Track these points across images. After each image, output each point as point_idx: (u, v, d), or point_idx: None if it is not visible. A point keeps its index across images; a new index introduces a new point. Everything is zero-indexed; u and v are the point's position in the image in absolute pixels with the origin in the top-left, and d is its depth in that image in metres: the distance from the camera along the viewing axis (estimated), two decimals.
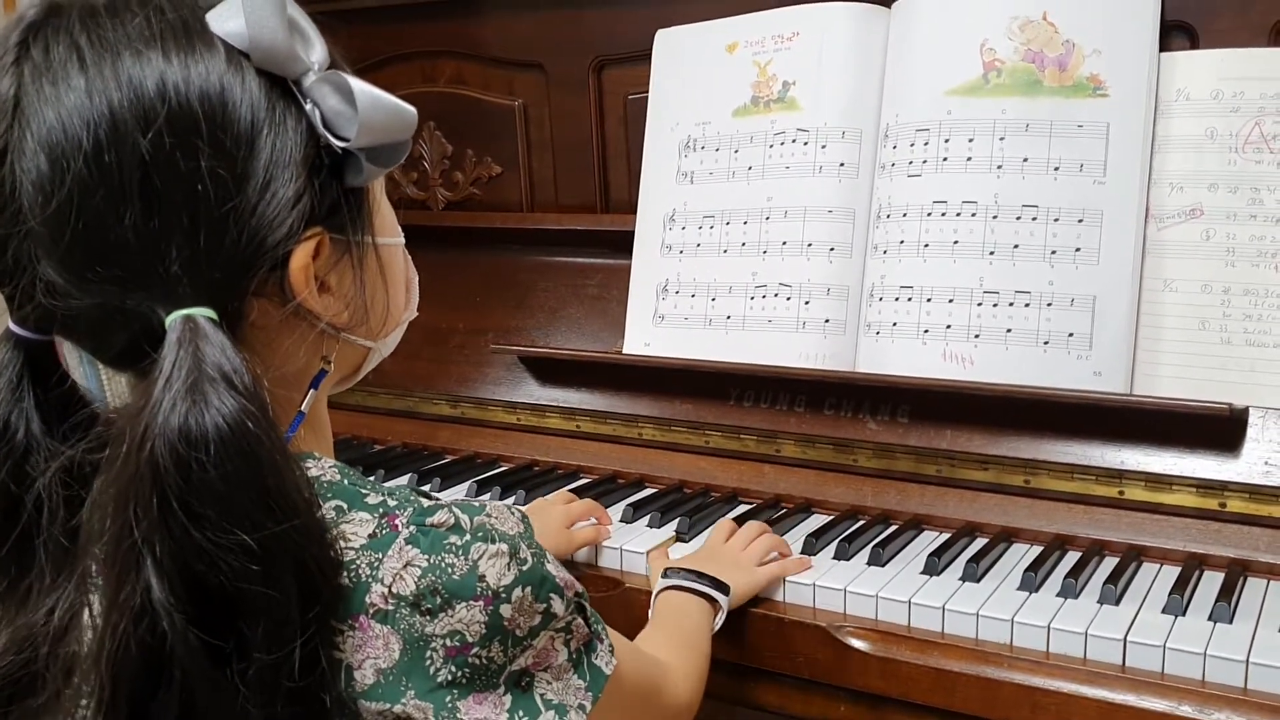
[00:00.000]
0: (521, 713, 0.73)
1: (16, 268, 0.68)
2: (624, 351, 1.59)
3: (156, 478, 0.63)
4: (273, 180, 0.68)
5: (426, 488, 1.50)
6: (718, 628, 1.11)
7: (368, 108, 0.70)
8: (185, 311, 0.66)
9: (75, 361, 0.74)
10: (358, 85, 0.70)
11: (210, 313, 0.66)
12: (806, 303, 1.46)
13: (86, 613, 0.71)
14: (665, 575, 1.14)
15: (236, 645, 0.65)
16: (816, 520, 1.37)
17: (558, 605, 0.74)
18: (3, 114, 0.66)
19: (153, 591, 0.63)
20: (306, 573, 0.67)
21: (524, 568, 0.72)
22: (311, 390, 0.78)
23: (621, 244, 1.62)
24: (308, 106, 0.70)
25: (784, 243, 1.48)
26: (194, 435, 0.64)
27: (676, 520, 1.36)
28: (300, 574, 0.66)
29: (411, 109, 0.74)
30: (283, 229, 0.68)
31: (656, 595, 1.14)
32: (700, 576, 1.12)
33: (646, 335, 1.58)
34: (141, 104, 0.65)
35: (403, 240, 0.84)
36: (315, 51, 0.72)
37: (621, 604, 1.25)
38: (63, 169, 0.65)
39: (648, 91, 1.62)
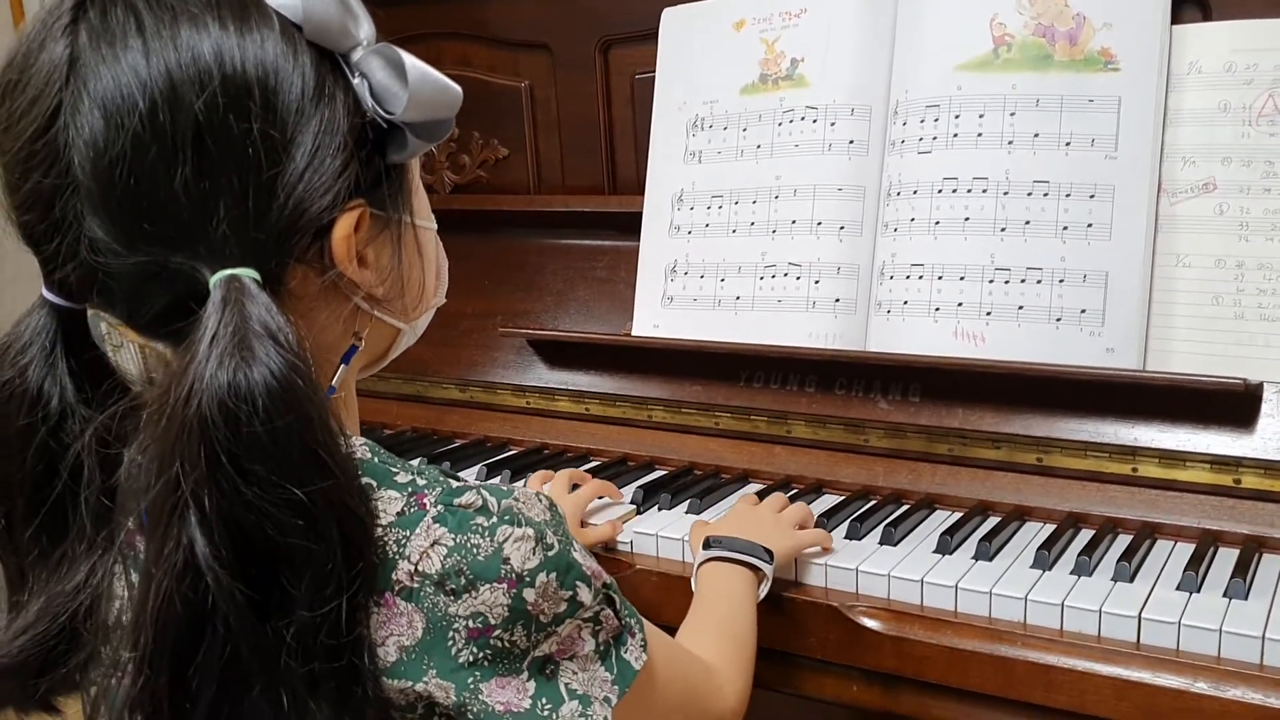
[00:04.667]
0: (545, 700, 0.72)
1: (63, 223, 0.68)
2: (633, 333, 1.59)
3: (205, 433, 0.64)
4: (320, 149, 0.69)
5: None
6: (763, 596, 1.11)
7: (418, 82, 0.71)
8: (230, 271, 0.67)
9: (96, 334, 0.75)
10: (409, 59, 0.72)
11: (254, 273, 0.67)
12: (816, 282, 1.45)
13: (120, 580, 0.72)
14: (707, 545, 1.13)
15: (279, 601, 0.66)
16: (828, 500, 1.37)
17: (584, 594, 0.73)
18: (59, 73, 0.67)
19: (197, 546, 0.64)
20: (349, 529, 0.68)
21: (550, 553, 0.72)
22: (342, 365, 0.78)
23: (629, 225, 1.61)
24: (355, 80, 0.71)
25: (793, 222, 1.47)
26: (243, 390, 0.64)
27: (687, 502, 1.36)
28: (343, 530, 0.67)
29: (457, 86, 0.75)
30: (328, 197, 0.69)
31: (699, 566, 1.12)
32: (744, 544, 1.11)
33: (655, 317, 1.57)
34: (198, 68, 0.66)
35: (435, 226, 0.85)
36: (363, 28, 0.73)
37: (632, 586, 1.24)
38: (118, 126, 0.66)
39: (655, 71, 1.61)
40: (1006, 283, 1.32)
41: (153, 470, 0.65)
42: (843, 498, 1.36)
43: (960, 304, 1.35)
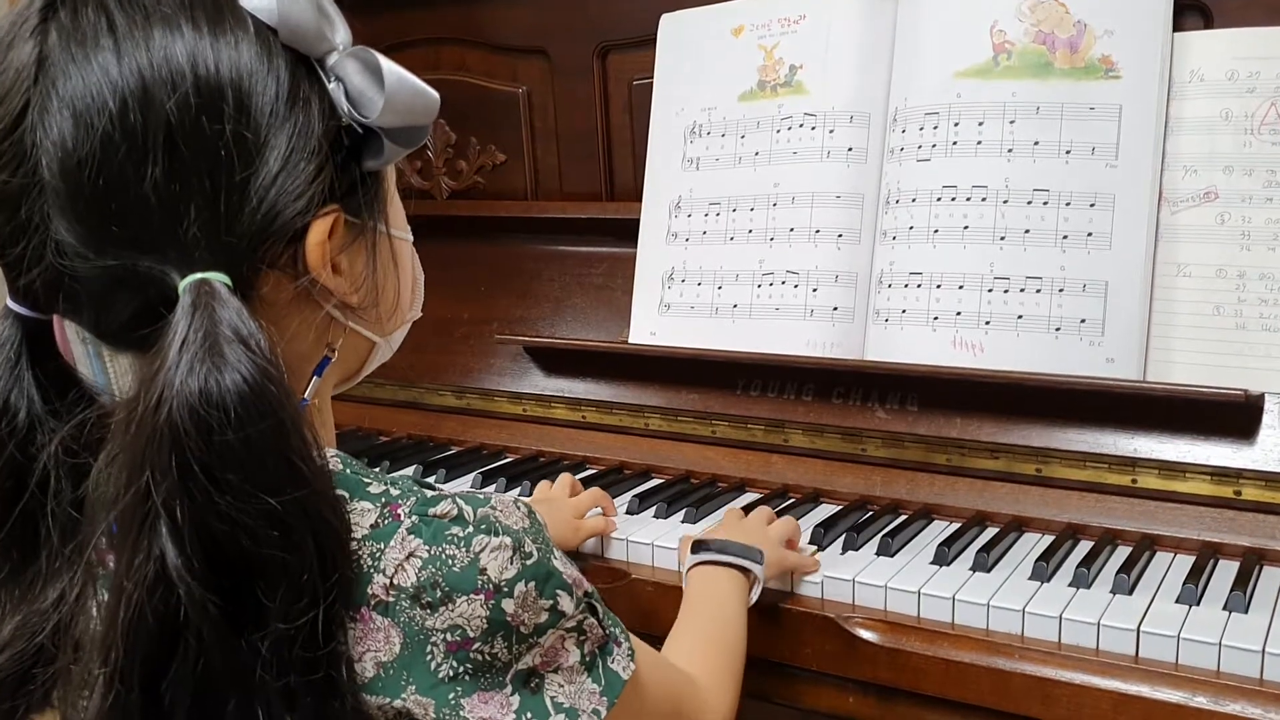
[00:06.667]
0: (529, 714, 0.71)
1: (29, 225, 0.67)
2: (630, 341, 1.58)
3: (176, 441, 0.62)
4: (294, 153, 0.68)
5: (432, 479, 1.49)
6: (754, 601, 1.09)
7: (395, 86, 0.70)
8: (201, 275, 0.65)
9: (81, 351, 0.73)
10: (386, 63, 0.70)
11: (225, 278, 0.66)
12: (814, 290, 1.44)
13: (92, 594, 0.70)
14: (696, 550, 1.11)
15: (253, 613, 0.65)
16: (825, 510, 1.36)
17: (565, 603, 0.72)
18: (27, 72, 0.66)
19: (168, 558, 0.63)
20: (324, 539, 0.66)
21: (528, 562, 0.70)
22: (315, 377, 0.77)
23: (627, 232, 1.61)
24: (331, 85, 0.70)
25: (791, 229, 1.46)
26: (214, 396, 0.63)
27: (683, 511, 1.35)
28: (319, 540, 0.66)
29: (434, 92, 0.74)
30: (301, 201, 0.68)
31: (688, 571, 1.11)
32: (735, 546, 1.10)
33: (652, 324, 1.57)
34: (170, 69, 0.65)
35: (411, 238, 0.84)
36: (339, 32, 0.72)
37: (627, 595, 1.24)
38: (88, 126, 0.64)
39: (653, 77, 1.61)
40: (1006, 292, 1.32)
41: (122, 480, 0.64)
42: (840, 507, 1.35)
43: (959, 313, 1.34)
